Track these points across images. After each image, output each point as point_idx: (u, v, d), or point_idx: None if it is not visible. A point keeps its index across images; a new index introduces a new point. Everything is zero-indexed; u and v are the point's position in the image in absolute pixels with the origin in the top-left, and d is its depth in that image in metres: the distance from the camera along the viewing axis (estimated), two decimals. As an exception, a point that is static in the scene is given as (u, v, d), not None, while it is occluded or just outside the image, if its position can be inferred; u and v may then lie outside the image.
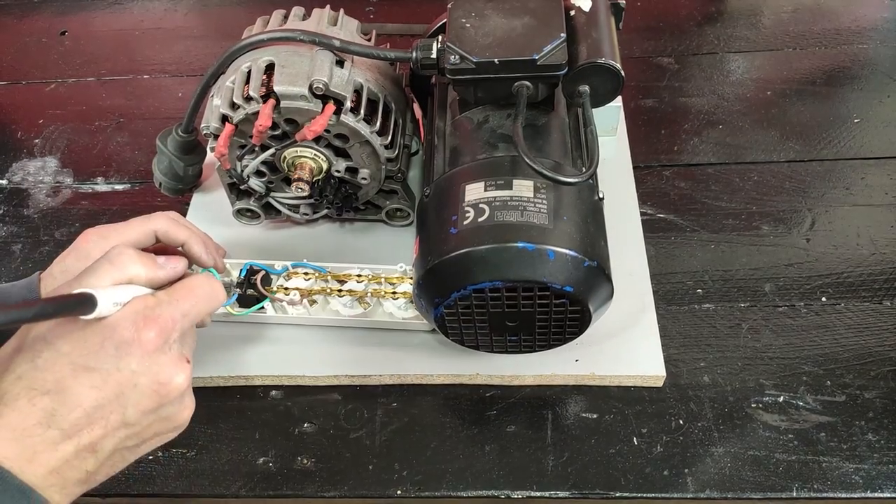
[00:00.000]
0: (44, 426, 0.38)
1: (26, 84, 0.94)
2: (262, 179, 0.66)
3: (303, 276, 0.63)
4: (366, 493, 0.57)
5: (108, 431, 0.39)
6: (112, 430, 0.40)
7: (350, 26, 0.65)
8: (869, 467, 0.55)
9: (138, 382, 0.40)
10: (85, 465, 0.39)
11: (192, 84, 0.85)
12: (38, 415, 0.38)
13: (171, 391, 0.41)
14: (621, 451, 0.57)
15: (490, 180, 0.53)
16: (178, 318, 0.41)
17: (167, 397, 0.41)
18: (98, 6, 1.04)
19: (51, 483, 0.38)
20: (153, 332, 0.40)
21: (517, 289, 0.51)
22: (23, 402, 0.38)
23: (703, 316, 0.65)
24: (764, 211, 0.72)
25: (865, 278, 0.66)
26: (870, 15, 0.91)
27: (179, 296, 0.42)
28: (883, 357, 0.61)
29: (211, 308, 0.45)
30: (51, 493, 0.38)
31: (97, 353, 0.39)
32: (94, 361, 0.39)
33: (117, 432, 0.40)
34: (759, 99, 0.82)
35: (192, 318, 0.43)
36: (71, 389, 0.38)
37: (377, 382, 0.62)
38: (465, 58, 0.55)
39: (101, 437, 0.39)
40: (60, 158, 0.84)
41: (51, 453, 0.38)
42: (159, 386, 0.40)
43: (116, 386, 0.39)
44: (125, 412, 0.40)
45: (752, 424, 0.58)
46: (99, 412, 0.39)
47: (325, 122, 0.58)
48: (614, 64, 0.55)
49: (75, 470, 0.39)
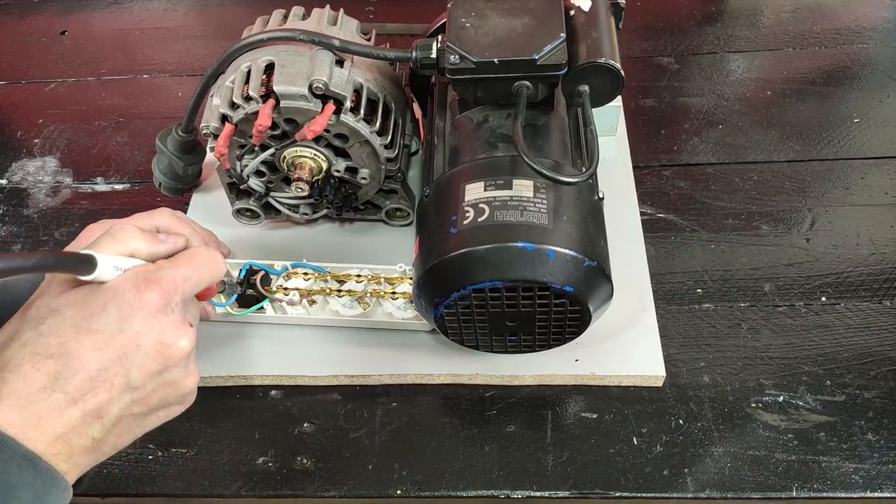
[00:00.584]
0: (48, 390, 0.37)
1: (26, 84, 0.94)
2: (261, 179, 0.66)
3: (302, 276, 0.63)
4: (365, 493, 0.57)
5: (113, 395, 0.39)
6: (117, 394, 0.39)
7: (350, 26, 0.65)
8: (869, 467, 0.55)
9: (141, 343, 0.40)
10: (91, 432, 0.39)
11: (192, 84, 0.85)
12: (42, 379, 0.38)
13: (174, 353, 0.41)
14: (621, 450, 0.57)
15: (490, 180, 0.53)
16: (179, 282, 0.41)
17: (171, 359, 0.41)
18: (98, 6, 1.04)
19: (57, 451, 0.38)
20: (155, 293, 0.40)
21: (517, 289, 0.51)
22: (27, 367, 0.38)
23: (702, 316, 0.65)
24: (764, 211, 0.72)
25: (865, 278, 0.66)
26: (870, 15, 0.91)
27: (180, 262, 0.43)
28: (883, 357, 0.61)
29: (211, 277, 0.45)
30: (57, 461, 0.38)
31: (99, 316, 0.39)
32: (97, 324, 0.39)
33: (122, 396, 0.40)
34: (759, 99, 0.82)
35: (194, 284, 0.43)
36: (74, 352, 0.38)
37: (377, 382, 0.62)
38: (464, 57, 0.55)
39: (106, 401, 0.39)
40: (60, 158, 0.84)
41: (56, 419, 0.37)
42: (163, 347, 0.40)
43: (120, 347, 0.39)
44: (129, 374, 0.40)
45: (751, 424, 0.58)
46: (103, 374, 0.39)
47: (325, 121, 0.58)
48: (614, 64, 0.55)
49: (81, 437, 0.39)
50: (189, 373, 0.43)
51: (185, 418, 0.61)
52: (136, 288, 0.40)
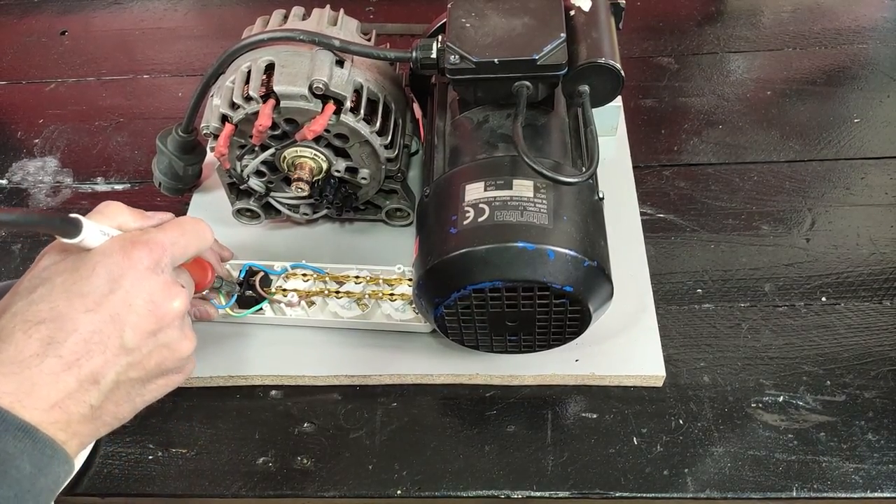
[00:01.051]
0: (41, 356, 0.37)
1: (26, 84, 0.94)
2: (261, 179, 0.66)
3: (301, 277, 0.63)
4: (366, 493, 0.57)
5: (108, 358, 0.39)
6: (112, 357, 0.39)
7: (350, 26, 0.65)
8: (869, 467, 0.55)
9: (133, 302, 0.40)
10: (88, 398, 0.39)
11: (192, 84, 0.85)
12: (34, 345, 0.37)
13: (167, 313, 0.41)
14: (621, 450, 0.57)
15: (490, 180, 0.53)
16: (166, 244, 0.41)
17: (164, 319, 0.41)
18: (98, 6, 1.04)
19: (54, 419, 0.37)
20: (142, 252, 0.40)
21: (517, 289, 0.51)
22: (19, 334, 0.38)
23: (702, 316, 0.65)
24: (764, 211, 0.72)
25: (865, 278, 0.66)
26: (870, 15, 0.91)
27: (167, 227, 0.43)
28: (883, 357, 0.61)
29: (198, 244, 0.45)
30: (55, 430, 0.38)
31: (89, 278, 0.39)
32: (87, 286, 0.39)
33: (118, 359, 0.39)
34: (759, 99, 0.82)
35: (182, 248, 0.43)
36: (66, 315, 0.38)
37: (377, 382, 0.62)
38: (465, 58, 0.55)
39: (101, 364, 0.39)
40: (60, 158, 0.84)
41: (51, 385, 0.37)
42: (154, 306, 0.40)
43: (111, 307, 0.39)
44: (123, 335, 0.39)
45: (751, 424, 0.58)
46: (97, 336, 0.39)
47: (325, 122, 0.58)
48: (614, 64, 0.55)
49: (78, 403, 0.38)
50: (185, 336, 0.43)
51: (185, 418, 0.61)
52: (123, 249, 0.40)
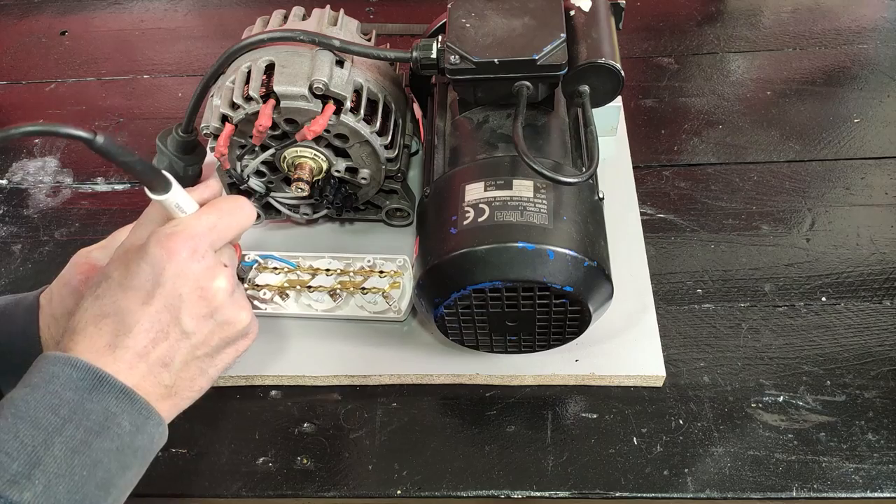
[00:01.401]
0: (112, 347, 0.40)
1: (26, 84, 0.94)
2: (262, 179, 0.66)
3: (272, 270, 0.63)
4: (366, 493, 0.57)
5: (171, 343, 0.42)
6: (175, 342, 0.42)
7: (350, 26, 0.65)
8: (869, 467, 0.55)
9: (181, 292, 0.42)
10: (162, 380, 0.42)
11: (192, 84, 0.85)
12: (105, 337, 0.41)
13: (216, 294, 0.43)
14: (621, 450, 0.57)
15: (490, 180, 0.53)
16: (203, 231, 0.43)
17: (214, 300, 0.43)
18: (98, 6, 1.04)
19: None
20: (178, 243, 0.42)
21: (517, 289, 0.51)
22: (91, 328, 0.41)
23: (703, 316, 0.65)
24: (764, 211, 0.72)
25: (865, 278, 0.66)
26: (870, 15, 0.91)
27: (202, 212, 0.44)
28: (883, 357, 0.61)
29: (239, 222, 0.46)
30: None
31: (137, 274, 0.42)
32: (137, 281, 0.42)
33: (181, 343, 0.42)
34: (759, 99, 0.82)
35: (222, 231, 0.44)
36: (126, 309, 0.41)
37: (377, 382, 0.62)
38: (465, 58, 0.55)
39: (166, 350, 0.42)
40: (60, 158, 0.84)
41: (126, 371, 0.40)
42: (202, 291, 0.42)
43: (162, 299, 0.41)
44: (181, 322, 0.42)
45: (751, 424, 0.58)
46: (156, 326, 0.41)
47: (325, 122, 0.58)
48: (614, 64, 0.55)
49: (154, 385, 0.41)
50: (240, 308, 0.45)
51: (185, 418, 0.61)
52: (160, 244, 0.42)
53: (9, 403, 0.38)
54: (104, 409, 0.38)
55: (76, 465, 0.37)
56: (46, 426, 0.37)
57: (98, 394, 0.39)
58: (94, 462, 0.38)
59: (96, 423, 0.38)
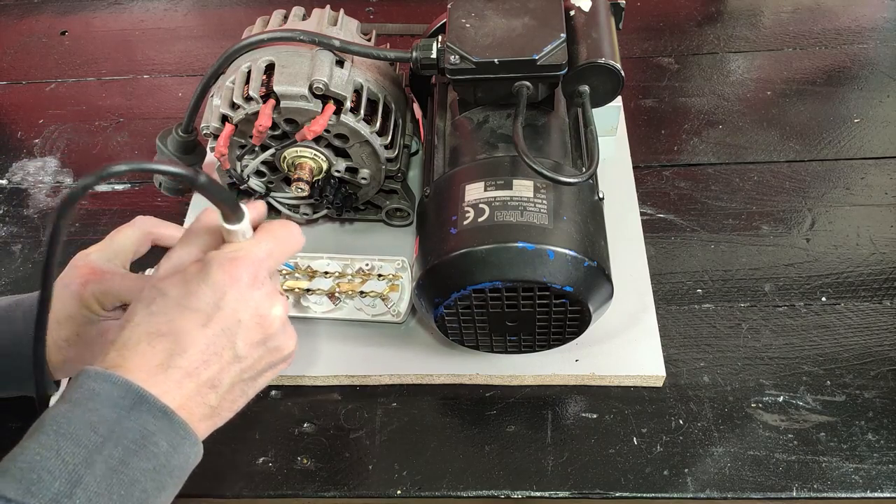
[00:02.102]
0: (165, 366, 0.40)
1: (26, 84, 0.94)
2: (262, 179, 0.66)
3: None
4: (366, 493, 0.57)
5: (223, 366, 0.42)
6: (227, 365, 0.42)
7: (350, 26, 0.65)
8: (869, 467, 0.55)
9: (241, 318, 0.42)
10: (208, 401, 0.42)
11: (192, 84, 0.85)
12: (158, 356, 0.40)
13: (272, 322, 0.44)
14: (621, 450, 0.57)
15: (490, 180, 0.53)
16: (263, 258, 0.44)
17: (270, 328, 0.44)
18: (98, 6, 1.04)
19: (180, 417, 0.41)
20: (241, 269, 0.42)
21: (517, 289, 0.51)
22: (143, 345, 0.41)
23: (702, 316, 0.65)
24: (764, 211, 0.72)
25: (865, 278, 0.66)
26: (870, 15, 0.91)
27: (259, 238, 0.44)
28: (883, 357, 0.61)
29: (291, 249, 0.46)
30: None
31: (197, 296, 0.42)
32: (197, 302, 0.41)
33: (232, 366, 0.43)
34: (759, 99, 0.82)
35: (276, 257, 0.45)
36: (183, 329, 0.41)
37: (377, 382, 0.62)
38: (465, 58, 0.55)
39: (217, 372, 0.42)
40: (60, 158, 0.84)
41: (175, 391, 0.40)
42: (261, 318, 0.43)
43: (221, 322, 0.42)
44: (235, 347, 0.42)
45: (751, 424, 0.58)
46: (211, 349, 0.42)
47: (325, 122, 0.58)
48: (614, 64, 0.55)
49: (200, 405, 0.42)
50: (288, 336, 0.46)
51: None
52: (222, 268, 0.42)
53: (50, 419, 0.38)
54: (142, 428, 0.39)
55: (115, 485, 0.37)
56: (87, 444, 0.37)
57: (137, 412, 0.39)
58: (132, 482, 0.38)
59: (134, 441, 0.38)
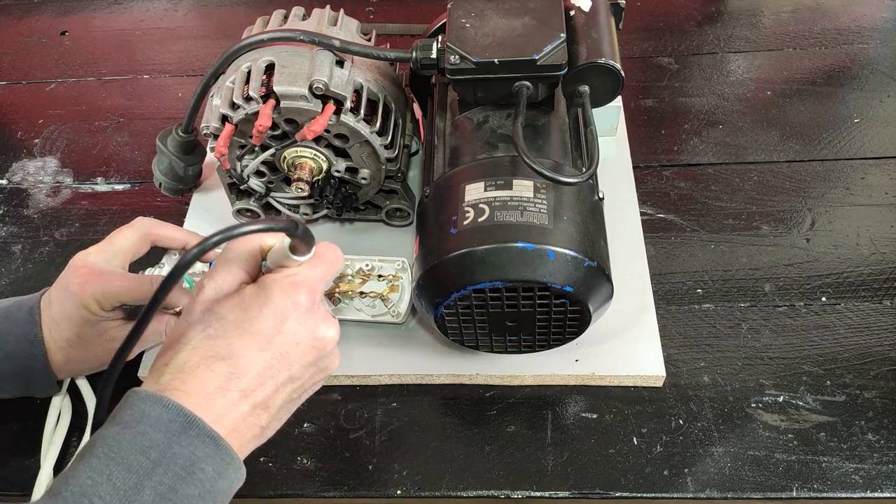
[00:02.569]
0: (224, 389, 0.41)
1: (26, 84, 0.94)
2: (262, 179, 0.66)
3: None
4: (366, 493, 0.57)
5: (277, 387, 0.43)
6: (281, 386, 0.43)
7: (350, 26, 0.65)
8: (869, 467, 0.55)
9: (300, 341, 0.43)
10: (259, 422, 0.43)
11: (192, 84, 0.85)
12: (217, 380, 0.41)
13: (327, 344, 0.45)
14: (621, 450, 0.57)
15: (490, 180, 0.53)
16: (318, 282, 0.44)
17: (324, 350, 0.45)
18: (98, 6, 1.04)
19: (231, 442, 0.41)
20: (303, 295, 0.43)
21: (517, 289, 0.51)
22: (202, 369, 0.41)
23: (702, 316, 0.65)
24: (764, 211, 0.72)
25: (865, 278, 0.66)
26: (870, 15, 0.91)
27: (314, 262, 0.45)
28: (883, 357, 0.61)
29: (337, 271, 0.47)
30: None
31: (258, 319, 0.42)
32: (257, 326, 0.42)
33: (285, 387, 0.43)
34: (759, 99, 0.82)
35: (326, 280, 0.46)
36: (242, 353, 0.41)
37: (377, 382, 0.62)
38: (465, 58, 0.55)
39: (272, 393, 0.43)
40: (60, 158, 0.84)
41: (231, 413, 0.41)
42: (317, 341, 0.44)
43: (280, 346, 0.42)
44: (291, 368, 0.43)
45: (751, 424, 0.58)
46: (269, 371, 0.42)
47: (325, 122, 0.58)
48: (614, 64, 0.55)
49: (252, 427, 0.42)
50: (335, 356, 0.47)
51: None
52: (284, 292, 0.43)
53: (101, 441, 0.38)
54: (191, 454, 0.39)
55: None
56: (138, 469, 0.37)
57: (186, 437, 0.39)
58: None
59: (183, 468, 0.38)
